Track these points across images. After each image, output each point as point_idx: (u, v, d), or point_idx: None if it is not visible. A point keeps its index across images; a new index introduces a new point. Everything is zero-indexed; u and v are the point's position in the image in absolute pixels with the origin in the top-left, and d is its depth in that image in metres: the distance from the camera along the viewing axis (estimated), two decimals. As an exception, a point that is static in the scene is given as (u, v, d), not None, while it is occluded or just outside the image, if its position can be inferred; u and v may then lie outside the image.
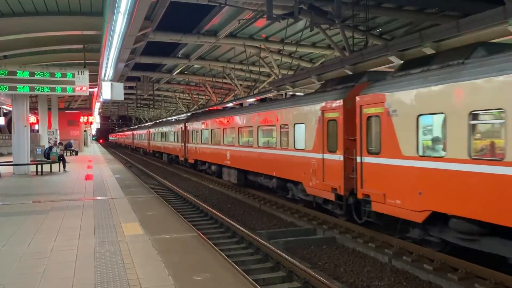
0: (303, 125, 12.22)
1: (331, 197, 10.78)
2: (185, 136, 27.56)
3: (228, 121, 19.03)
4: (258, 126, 15.58)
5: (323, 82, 13.74)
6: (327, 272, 8.04)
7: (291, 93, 18.81)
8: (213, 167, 21.77)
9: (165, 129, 35.59)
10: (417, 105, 8.04)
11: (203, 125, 23.28)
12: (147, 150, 47.13)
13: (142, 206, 10.53)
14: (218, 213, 12.33)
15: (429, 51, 10.54)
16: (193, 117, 27.25)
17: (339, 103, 10.55)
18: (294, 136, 12.80)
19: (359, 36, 15.49)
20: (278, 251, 8.33)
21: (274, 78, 21.44)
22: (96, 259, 5.97)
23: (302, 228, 11.31)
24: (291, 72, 21.57)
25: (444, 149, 7.48)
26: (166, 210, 10.23)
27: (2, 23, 13.07)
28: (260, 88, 25.09)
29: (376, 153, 9.09)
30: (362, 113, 9.55)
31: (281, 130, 13.69)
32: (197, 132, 24.74)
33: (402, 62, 9.54)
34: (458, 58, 7.66)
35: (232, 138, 18.48)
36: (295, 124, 12.76)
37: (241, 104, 23.64)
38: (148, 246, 6.66)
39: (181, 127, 28.53)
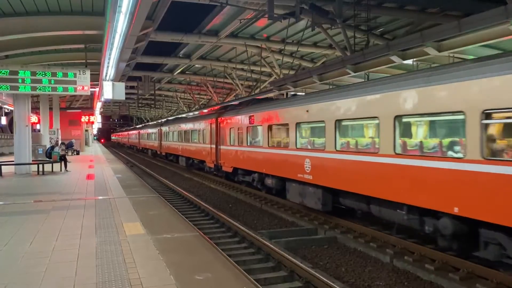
0: None
1: None
2: (217, 135, 20.83)
3: (308, 111, 12.11)
4: (395, 117, 8.61)
5: None
6: (328, 272, 8.03)
7: (292, 93, 18.82)
8: (269, 181, 14.93)
9: (184, 126, 28.66)
10: None
11: (252, 120, 16.40)
12: (158, 152, 40.07)
13: (144, 205, 10.55)
14: (219, 213, 12.33)
15: (430, 51, 10.56)
16: (231, 110, 19.96)
17: None
18: None
19: (361, 36, 15.48)
20: (280, 251, 8.32)
21: (275, 78, 21.45)
22: (97, 258, 5.98)
23: (304, 228, 11.29)
24: (292, 72, 21.56)
25: None
26: (167, 209, 10.24)
27: (4, 23, 13.10)
28: (261, 88, 25.10)
29: None
30: None
31: (485, 121, 6.67)
32: (239, 129, 17.70)
33: None
34: None
35: (318, 139, 12.07)
36: None
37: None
38: (149, 246, 6.67)
39: (210, 124, 21.94)
